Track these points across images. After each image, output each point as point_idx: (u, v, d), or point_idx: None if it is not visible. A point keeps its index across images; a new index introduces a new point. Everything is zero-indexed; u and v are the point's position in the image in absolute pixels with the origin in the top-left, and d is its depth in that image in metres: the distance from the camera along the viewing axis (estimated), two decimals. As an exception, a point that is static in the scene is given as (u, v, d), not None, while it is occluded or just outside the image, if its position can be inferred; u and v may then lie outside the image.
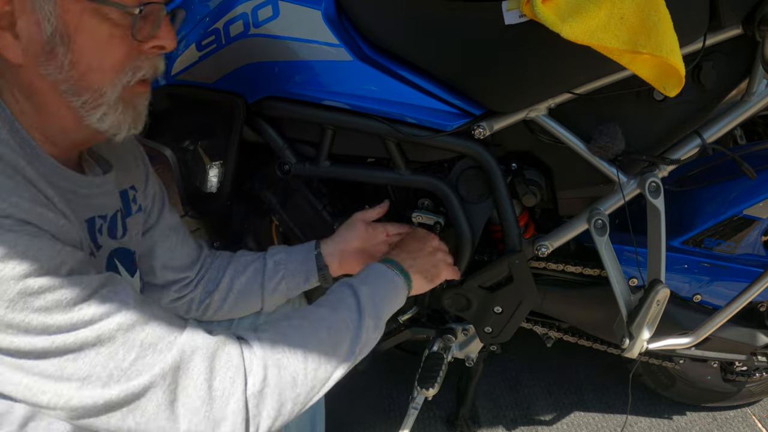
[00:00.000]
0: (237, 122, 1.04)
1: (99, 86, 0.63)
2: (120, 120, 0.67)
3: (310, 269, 1.02)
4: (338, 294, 0.81)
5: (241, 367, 0.63)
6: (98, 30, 0.61)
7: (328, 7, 0.93)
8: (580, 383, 1.67)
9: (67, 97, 0.63)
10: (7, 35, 0.58)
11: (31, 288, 0.53)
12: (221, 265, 1.02)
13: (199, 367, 0.61)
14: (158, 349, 0.59)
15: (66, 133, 0.67)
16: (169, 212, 0.96)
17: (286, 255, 1.03)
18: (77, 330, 0.55)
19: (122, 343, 0.57)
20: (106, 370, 0.56)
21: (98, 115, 0.65)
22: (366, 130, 0.99)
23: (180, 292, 0.98)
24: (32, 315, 0.53)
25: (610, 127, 0.93)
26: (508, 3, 0.82)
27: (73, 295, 0.55)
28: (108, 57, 0.63)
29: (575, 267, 1.13)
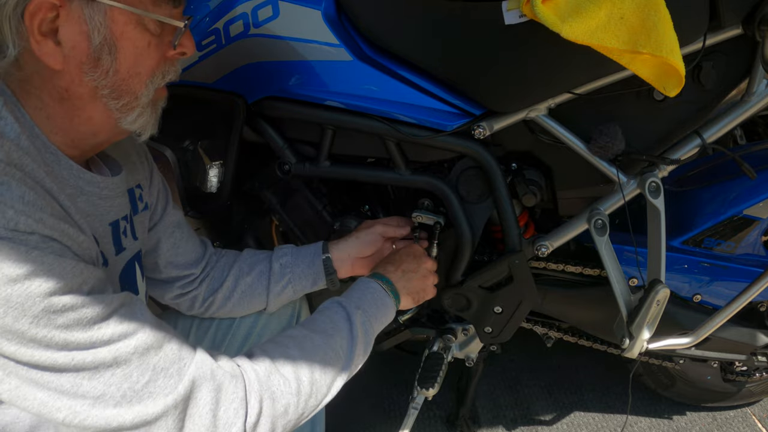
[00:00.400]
0: (237, 122, 1.04)
1: (136, 90, 0.68)
2: (148, 120, 0.72)
3: (317, 274, 1.02)
4: (332, 317, 0.82)
5: (244, 400, 0.66)
6: (140, 39, 0.65)
7: (328, 7, 0.93)
8: (580, 383, 1.67)
9: (107, 101, 0.66)
10: (48, 42, 0.60)
11: (55, 306, 0.54)
12: (226, 264, 1.02)
13: (207, 397, 0.63)
14: (170, 373, 0.62)
15: (95, 135, 0.69)
16: (173, 209, 0.97)
17: (293, 258, 1.03)
18: (96, 348, 0.57)
19: (137, 366, 0.60)
20: (120, 390, 0.59)
21: (133, 116, 0.69)
22: (366, 130, 0.99)
23: (184, 289, 0.98)
24: (54, 331, 0.55)
25: (610, 127, 0.93)
26: (508, 3, 0.83)
27: (94, 314, 0.57)
28: (145, 63, 0.67)
29: (575, 267, 1.13)
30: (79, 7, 0.60)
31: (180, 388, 0.62)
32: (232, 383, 0.65)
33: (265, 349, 0.74)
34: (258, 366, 0.70)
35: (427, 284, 1.00)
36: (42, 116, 0.64)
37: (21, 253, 0.53)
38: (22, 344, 0.53)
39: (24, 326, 0.53)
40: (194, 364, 0.64)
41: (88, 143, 0.70)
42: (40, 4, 0.58)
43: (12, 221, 0.53)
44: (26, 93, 0.63)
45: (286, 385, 0.70)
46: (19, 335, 0.53)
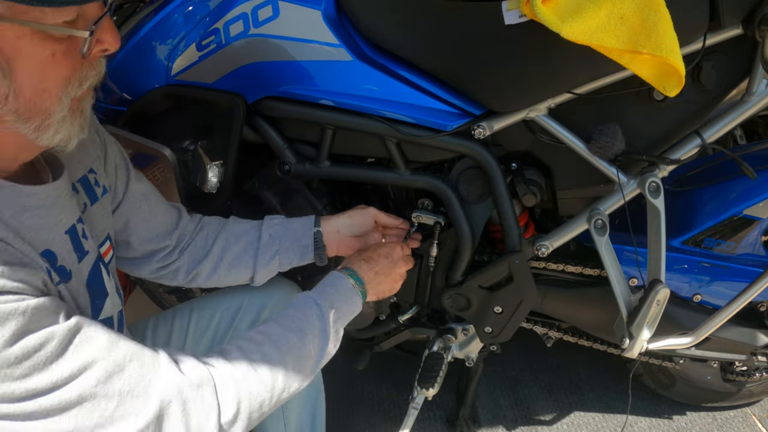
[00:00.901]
0: (237, 122, 1.04)
1: (47, 107, 0.59)
2: (70, 131, 0.63)
3: (306, 248, 1.00)
4: (306, 315, 0.82)
5: (214, 405, 0.66)
6: (39, 52, 0.55)
7: (328, 7, 0.93)
8: (580, 383, 1.67)
9: (14, 126, 0.58)
10: None
11: (8, 359, 0.54)
12: (211, 232, 0.99)
13: (177, 411, 0.64)
14: (136, 393, 0.62)
15: (16, 157, 0.64)
16: (136, 181, 0.90)
17: (282, 229, 1.00)
18: (59, 389, 0.57)
19: (103, 396, 0.60)
20: (92, 420, 0.59)
21: (50, 134, 0.61)
22: (366, 130, 0.99)
23: (163, 262, 0.96)
24: (15, 384, 0.55)
25: (610, 127, 0.93)
26: (508, 3, 0.83)
27: (49, 354, 0.56)
28: (53, 76, 0.58)
29: (575, 267, 1.13)
30: None
31: (149, 408, 0.62)
32: (199, 393, 0.66)
33: (241, 347, 0.74)
34: (234, 367, 0.71)
35: (394, 287, 0.99)
36: None
37: None
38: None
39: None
40: (159, 380, 0.64)
41: (15, 163, 0.64)
42: None
43: None
44: None
45: (261, 385, 0.71)
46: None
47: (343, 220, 1.03)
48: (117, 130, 1.06)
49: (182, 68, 1.03)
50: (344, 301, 0.87)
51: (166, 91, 1.06)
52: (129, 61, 1.06)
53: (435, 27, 0.91)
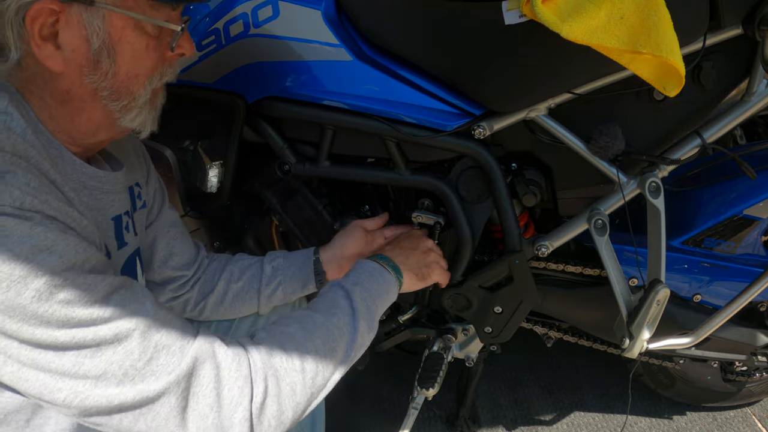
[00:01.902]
0: (237, 122, 1.04)
1: (134, 91, 0.69)
2: (147, 119, 0.73)
3: (307, 275, 1.02)
4: (331, 297, 0.81)
5: (248, 378, 0.65)
6: (138, 42, 0.67)
7: (328, 7, 0.93)
8: (580, 383, 1.67)
9: (106, 102, 0.68)
10: (48, 45, 0.62)
11: (56, 281, 0.55)
12: (217, 268, 1.02)
13: (210, 374, 0.63)
14: (172, 351, 0.61)
15: (96, 134, 0.71)
16: (169, 209, 0.98)
17: (284, 260, 1.03)
18: (96, 326, 0.57)
19: (138, 343, 0.59)
20: (122, 368, 0.58)
21: (132, 115, 0.71)
22: (366, 130, 0.99)
23: (176, 292, 0.98)
24: (56, 306, 0.55)
25: (610, 127, 0.93)
26: (508, 3, 0.82)
27: (95, 292, 0.58)
28: (144, 65, 0.69)
29: (575, 267, 1.13)
30: (78, 12, 0.62)
31: (183, 364, 0.61)
32: (235, 361, 0.65)
33: (266, 329, 0.73)
34: (260, 346, 0.69)
35: (429, 260, 0.99)
36: (45, 115, 0.66)
37: (25, 229, 0.54)
38: (24, 321, 0.54)
39: (26, 301, 0.53)
40: (197, 341, 0.64)
41: (89, 141, 0.71)
42: (40, 10, 0.59)
43: (18, 200, 0.54)
44: (30, 93, 0.65)
45: (289, 362, 0.68)
46: (21, 311, 0.53)
47: (335, 242, 1.06)
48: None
49: (182, 68, 1.03)
50: (370, 279, 0.87)
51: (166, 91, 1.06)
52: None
53: (435, 27, 0.91)
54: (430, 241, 1.03)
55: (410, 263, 0.96)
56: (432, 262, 1.00)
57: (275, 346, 0.69)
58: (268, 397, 0.65)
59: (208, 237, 1.28)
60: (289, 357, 0.69)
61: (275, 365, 0.67)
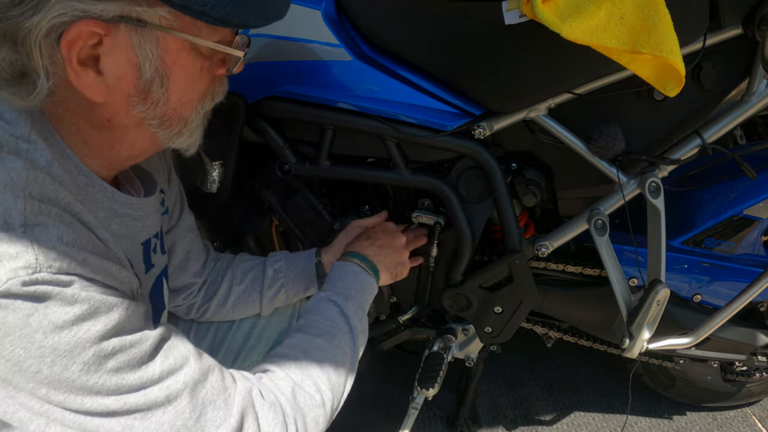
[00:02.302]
0: (237, 122, 1.04)
1: (187, 117, 0.63)
2: (196, 139, 0.67)
3: (309, 278, 1.02)
4: (327, 315, 0.81)
5: (284, 424, 0.65)
6: (193, 66, 0.59)
7: (328, 7, 0.93)
8: (580, 383, 1.67)
9: (155, 131, 0.61)
10: (89, 72, 0.53)
11: (104, 350, 0.52)
12: (220, 270, 1.02)
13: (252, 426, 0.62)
14: (217, 405, 0.60)
15: (136, 158, 0.66)
16: (188, 212, 0.96)
17: (286, 263, 1.03)
18: (147, 389, 0.55)
19: (188, 402, 0.58)
20: (174, 428, 0.57)
21: (182, 139, 0.65)
22: (366, 130, 0.99)
23: (186, 300, 0.98)
24: (105, 376, 0.52)
25: (610, 127, 0.93)
26: (508, 3, 0.82)
27: (142, 353, 0.55)
28: (196, 89, 0.62)
29: (575, 267, 1.13)
30: (126, 35, 0.53)
31: (231, 420, 0.60)
32: (272, 411, 0.65)
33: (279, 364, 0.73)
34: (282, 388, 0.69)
35: (402, 259, 1.01)
36: (77, 140, 0.59)
37: (66, 297, 0.49)
38: (72, 392, 0.51)
39: (74, 374, 0.50)
40: (238, 393, 0.63)
41: (126, 164, 0.67)
42: (80, 32, 0.50)
43: (55, 264, 0.49)
44: (59, 117, 0.57)
45: (311, 399, 0.69)
46: (68, 384, 0.50)
47: (335, 243, 1.06)
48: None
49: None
50: (358, 289, 0.88)
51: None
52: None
53: (435, 27, 0.91)
54: (403, 238, 1.03)
55: (387, 263, 0.97)
56: (404, 261, 1.02)
57: (296, 385, 0.70)
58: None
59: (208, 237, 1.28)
60: (310, 395, 0.70)
61: (300, 405, 0.68)
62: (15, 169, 0.51)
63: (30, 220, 0.50)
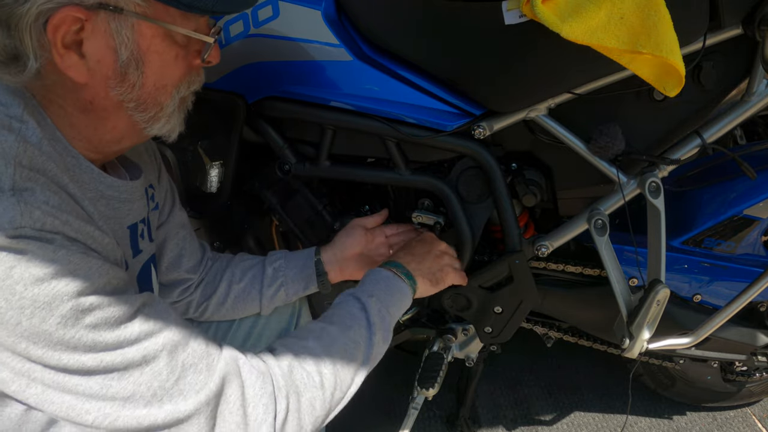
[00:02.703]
0: (237, 122, 1.04)
1: (162, 101, 0.67)
2: (174, 125, 0.71)
3: (309, 276, 1.02)
4: (347, 309, 0.81)
5: (272, 396, 0.65)
6: (167, 52, 0.64)
7: (328, 7, 0.93)
8: (580, 383, 1.67)
9: (132, 113, 0.66)
10: (72, 55, 0.59)
11: (82, 305, 0.53)
12: (219, 269, 1.02)
13: (236, 393, 0.63)
14: (199, 369, 0.61)
15: (120, 142, 0.69)
16: (179, 209, 0.97)
17: (285, 261, 1.03)
18: (123, 348, 0.56)
19: (166, 363, 0.59)
20: (150, 389, 0.57)
21: (160, 124, 0.69)
22: (366, 130, 0.99)
23: (181, 295, 0.99)
24: (82, 332, 0.53)
25: (610, 127, 0.93)
26: (508, 3, 0.82)
27: (120, 313, 0.57)
28: (171, 76, 0.66)
29: (575, 267, 1.13)
30: (105, 21, 0.58)
31: (211, 384, 0.61)
32: (260, 379, 0.64)
33: (284, 344, 0.73)
34: (280, 362, 0.69)
35: (442, 264, 0.98)
36: (65, 123, 0.63)
37: (48, 252, 0.52)
38: (50, 347, 0.52)
39: (52, 327, 0.52)
40: (222, 359, 0.63)
41: (111, 149, 0.70)
42: (63, 17, 0.56)
43: (38, 221, 0.53)
44: (49, 101, 0.62)
45: (309, 378, 0.69)
46: (46, 337, 0.52)
47: (335, 242, 1.06)
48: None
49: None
50: (385, 290, 0.86)
51: (166, 91, 1.06)
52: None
53: (435, 27, 0.91)
54: (443, 244, 1.01)
55: (423, 269, 0.94)
56: (445, 266, 0.99)
57: (295, 362, 0.69)
58: (290, 413, 0.66)
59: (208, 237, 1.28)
60: (308, 373, 0.69)
61: (296, 382, 0.68)
62: (7, 141, 0.56)
63: (18, 185, 0.53)
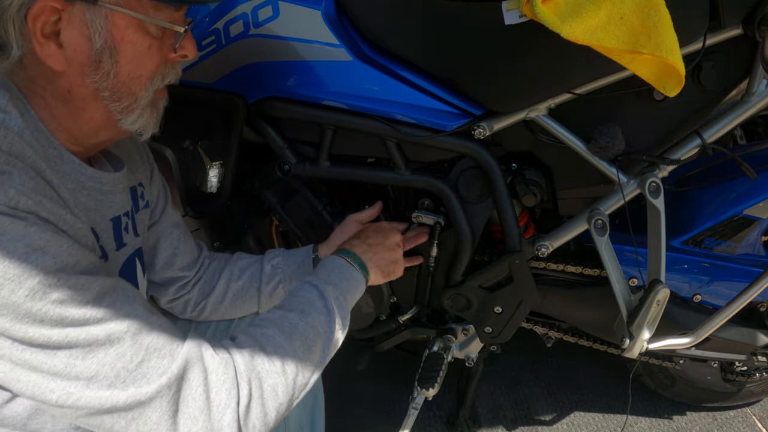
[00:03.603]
0: (237, 122, 1.04)
1: (136, 92, 0.69)
2: (148, 121, 0.73)
3: (307, 273, 1.02)
4: (306, 296, 0.81)
5: (234, 381, 0.65)
6: (140, 42, 0.66)
7: (328, 7, 0.93)
8: (580, 383, 1.67)
9: (107, 103, 0.68)
10: (50, 44, 0.62)
11: (51, 280, 0.55)
12: (217, 268, 1.02)
13: (199, 378, 0.63)
14: (162, 354, 0.61)
15: (97, 134, 0.71)
16: (172, 209, 0.98)
17: (283, 259, 1.03)
18: (88, 326, 0.57)
19: (130, 345, 0.59)
20: (114, 370, 0.58)
21: (133, 117, 0.71)
22: (366, 130, 0.99)
23: (178, 292, 0.99)
24: (49, 305, 0.55)
25: (610, 127, 0.93)
26: (508, 3, 0.83)
27: (88, 292, 0.58)
28: (146, 66, 0.69)
29: (575, 267, 1.13)
30: (80, 11, 0.61)
31: (174, 367, 0.61)
32: (222, 365, 0.65)
33: (246, 332, 0.73)
34: (242, 349, 0.69)
35: (395, 257, 0.99)
36: (47, 114, 0.66)
37: (19, 228, 0.54)
38: (17, 319, 0.54)
39: (20, 299, 0.53)
40: (186, 345, 0.64)
41: (90, 141, 0.71)
42: (42, 7, 0.59)
43: (13, 200, 0.55)
44: (32, 92, 0.65)
45: (271, 365, 0.69)
46: (14, 309, 0.53)
47: (334, 239, 1.06)
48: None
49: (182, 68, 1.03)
50: (341, 278, 0.87)
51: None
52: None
53: (435, 27, 0.91)
54: (397, 236, 1.02)
55: (377, 260, 0.96)
56: (398, 259, 1.00)
57: (256, 349, 0.70)
58: (253, 399, 0.66)
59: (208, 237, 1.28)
60: (270, 360, 0.69)
61: (257, 368, 0.68)
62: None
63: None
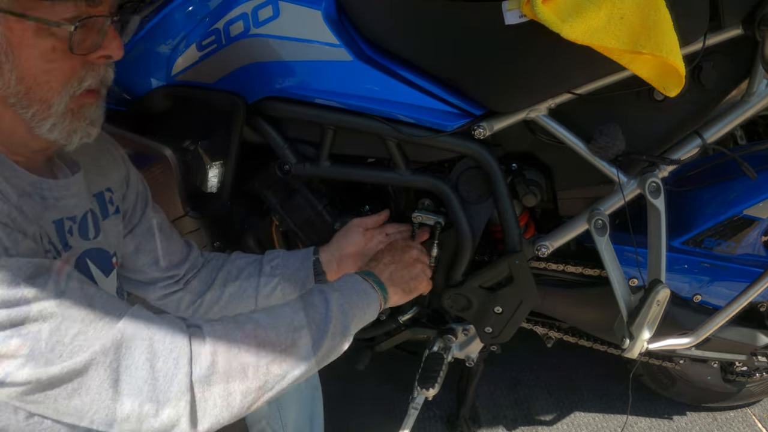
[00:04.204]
0: (237, 122, 1.04)
1: (46, 98, 0.65)
2: (69, 129, 0.68)
3: (306, 276, 1.02)
4: (308, 297, 0.79)
5: (186, 350, 0.63)
6: (41, 45, 0.62)
7: (328, 7, 0.93)
8: (580, 383, 1.67)
9: (17, 110, 0.64)
10: None
11: None
12: (214, 267, 1.02)
13: (141, 346, 0.61)
14: (99, 326, 0.60)
15: (25, 144, 0.68)
16: (153, 211, 0.96)
17: (283, 260, 1.02)
18: (20, 306, 0.57)
19: (64, 318, 0.59)
20: (49, 344, 0.58)
21: (47, 126, 0.66)
22: (366, 130, 0.99)
23: (168, 289, 0.98)
24: None
25: (610, 127, 0.93)
26: (508, 3, 0.83)
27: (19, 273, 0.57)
28: (52, 70, 0.64)
29: (575, 267, 1.13)
30: None
31: (109, 334, 0.60)
32: (170, 333, 0.63)
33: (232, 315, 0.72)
34: (216, 323, 0.67)
35: (414, 272, 0.95)
36: None
37: None
38: None
39: None
40: (127, 315, 0.62)
41: (24, 150, 0.69)
42: None
43: None
44: None
45: (244, 342, 0.66)
46: None
47: (333, 241, 1.06)
48: (117, 129, 1.06)
49: (182, 68, 1.03)
50: (351, 289, 0.84)
51: (166, 91, 1.06)
52: (129, 61, 1.06)
53: (435, 27, 0.91)
54: (415, 250, 0.98)
55: (396, 278, 0.92)
56: (418, 274, 0.96)
57: (233, 327, 0.68)
58: (215, 373, 0.63)
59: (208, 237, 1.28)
60: (246, 338, 0.67)
61: (229, 341, 0.65)
62: None
63: None
